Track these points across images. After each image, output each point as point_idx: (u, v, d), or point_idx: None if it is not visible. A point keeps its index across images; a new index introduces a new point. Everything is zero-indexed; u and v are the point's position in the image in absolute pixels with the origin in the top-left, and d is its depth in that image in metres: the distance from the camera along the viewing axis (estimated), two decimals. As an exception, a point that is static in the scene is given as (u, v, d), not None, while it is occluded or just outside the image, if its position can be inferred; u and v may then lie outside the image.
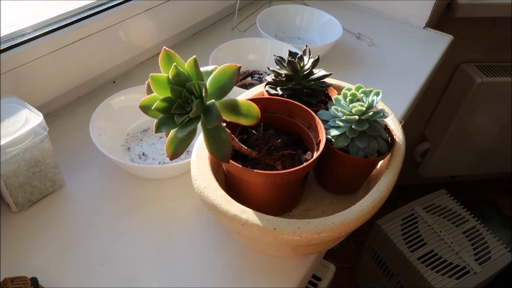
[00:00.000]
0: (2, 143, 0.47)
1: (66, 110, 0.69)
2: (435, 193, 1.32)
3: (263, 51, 0.81)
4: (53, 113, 0.69)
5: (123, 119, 0.64)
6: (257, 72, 0.80)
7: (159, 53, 0.38)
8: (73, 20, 0.67)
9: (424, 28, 1.00)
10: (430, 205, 1.28)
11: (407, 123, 0.81)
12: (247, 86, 0.75)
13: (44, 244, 0.51)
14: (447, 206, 1.28)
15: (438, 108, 1.41)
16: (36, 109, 0.52)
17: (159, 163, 0.61)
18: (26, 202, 0.54)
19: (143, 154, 0.62)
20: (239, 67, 0.37)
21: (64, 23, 0.66)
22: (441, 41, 0.96)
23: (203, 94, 0.36)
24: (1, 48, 0.59)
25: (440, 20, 1.08)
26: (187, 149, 0.50)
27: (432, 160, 1.49)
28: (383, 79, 0.83)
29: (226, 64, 0.38)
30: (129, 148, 0.63)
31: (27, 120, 0.50)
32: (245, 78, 0.78)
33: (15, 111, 0.51)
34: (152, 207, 0.56)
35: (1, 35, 0.60)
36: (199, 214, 0.56)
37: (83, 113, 0.68)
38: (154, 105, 0.37)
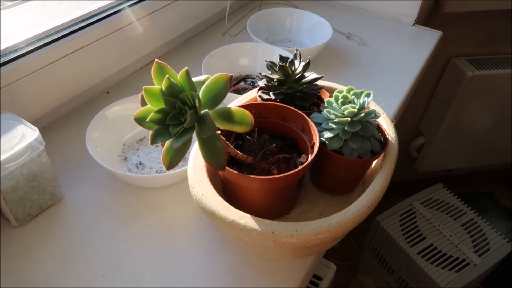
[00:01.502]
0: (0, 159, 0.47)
1: (62, 123, 0.70)
2: (432, 188, 1.33)
3: (255, 56, 0.82)
4: (49, 126, 0.69)
5: (118, 129, 0.65)
6: (250, 77, 0.80)
7: (152, 62, 0.38)
8: (65, 33, 0.67)
9: (413, 25, 1.01)
10: (427, 200, 1.29)
11: (401, 119, 0.82)
12: (240, 91, 0.76)
13: (45, 257, 0.51)
14: (445, 199, 1.29)
15: (432, 103, 1.42)
16: (32, 124, 0.52)
17: (157, 171, 0.62)
18: (26, 216, 0.54)
19: (140, 163, 0.63)
20: (231, 76, 0.38)
21: (56, 37, 0.66)
22: (431, 38, 0.97)
23: (197, 105, 0.37)
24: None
25: (429, 16, 1.10)
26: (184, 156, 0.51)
27: (428, 154, 1.50)
28: (374, 78, 0.84)
29: (218, 74, 0.38)
30: (126, 158, 0.63)
31: (24, 136, 0.51)
32: (238, 83, 0.78)
33: (11, 127, 0.52)
34: (151, 216, 0.57)
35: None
36: (198, 220, 0.56)
37: (79, 124, 0.69)
38: (149, 117, 0.38)
